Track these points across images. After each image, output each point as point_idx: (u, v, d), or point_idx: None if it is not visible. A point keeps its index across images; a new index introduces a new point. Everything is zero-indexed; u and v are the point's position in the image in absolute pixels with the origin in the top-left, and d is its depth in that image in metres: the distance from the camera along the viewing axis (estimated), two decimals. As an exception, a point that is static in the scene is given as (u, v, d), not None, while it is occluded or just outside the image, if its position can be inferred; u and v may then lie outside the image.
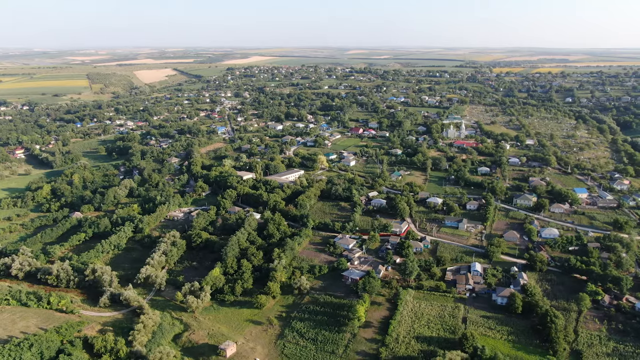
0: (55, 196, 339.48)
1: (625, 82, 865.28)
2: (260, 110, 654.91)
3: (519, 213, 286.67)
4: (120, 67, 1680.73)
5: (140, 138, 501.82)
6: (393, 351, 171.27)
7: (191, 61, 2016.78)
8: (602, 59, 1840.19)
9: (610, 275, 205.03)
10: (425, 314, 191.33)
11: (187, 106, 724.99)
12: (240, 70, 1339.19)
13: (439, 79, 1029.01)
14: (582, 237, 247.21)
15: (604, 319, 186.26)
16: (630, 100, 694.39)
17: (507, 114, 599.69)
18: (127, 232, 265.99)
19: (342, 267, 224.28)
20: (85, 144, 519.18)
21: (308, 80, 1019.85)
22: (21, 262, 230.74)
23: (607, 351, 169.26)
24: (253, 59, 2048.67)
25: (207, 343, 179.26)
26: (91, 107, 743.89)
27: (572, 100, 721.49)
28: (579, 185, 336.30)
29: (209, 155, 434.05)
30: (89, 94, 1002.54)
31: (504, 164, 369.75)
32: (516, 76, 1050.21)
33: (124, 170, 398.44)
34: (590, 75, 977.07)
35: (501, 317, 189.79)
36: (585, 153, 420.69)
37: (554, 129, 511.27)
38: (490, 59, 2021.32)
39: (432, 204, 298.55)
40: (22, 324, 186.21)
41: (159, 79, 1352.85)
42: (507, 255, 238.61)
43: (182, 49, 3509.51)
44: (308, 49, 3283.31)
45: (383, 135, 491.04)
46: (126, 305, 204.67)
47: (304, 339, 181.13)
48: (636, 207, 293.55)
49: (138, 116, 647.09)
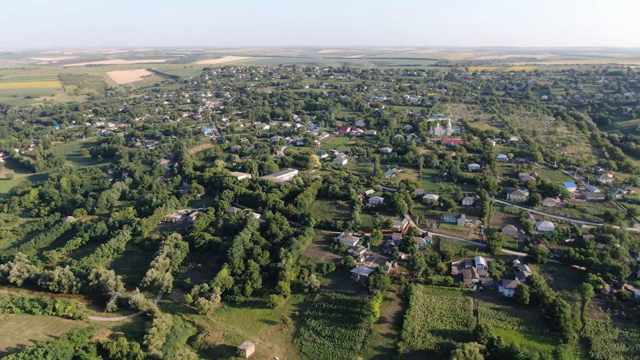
0: (44, 200, 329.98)
1: (596, 80, 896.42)
2: (244, 111, 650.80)
3: (514, 208, 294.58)
4: (91, 67, 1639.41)
5: (124, 140, 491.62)
6: (410, 345, 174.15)
7: (163, 61, 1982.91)
8: (567, 57, 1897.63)
9: (609, 265, 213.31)
10: (437, 308, 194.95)
11: (169, 107, 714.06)
12: (217, 71, 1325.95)
13: (417, 77, 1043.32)
14: (577, 230, 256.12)
15: (607, 307, 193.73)
16: (603, 97, 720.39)
17: (489, 112, 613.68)
18: (126, 235, 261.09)
19: (350, 264, 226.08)
20: (67, 147, 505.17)
21: (288, 80, 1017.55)
22: (19, 269, 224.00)
23: (613, 338, 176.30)
24: (227, 59, 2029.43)
25: (224, 344, 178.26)
26: (67, 109, 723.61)
27: (548, 97, 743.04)
28: (566, 179, 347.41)
29: (198, 156, 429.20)
30: (63, 96, 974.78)
31: (493, 161, 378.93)
32: (492, 74, 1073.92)
33: (112, 172, 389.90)
34: (563, 74, 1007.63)
35: (510, 309, 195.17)
36: (568, 149, 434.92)
37: (535, 126, 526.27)
38: (461, 57, 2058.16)
39: (429, 201, 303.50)
40: (29, 331, 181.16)
41: (133, 80, 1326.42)
42: (507, 248, 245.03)
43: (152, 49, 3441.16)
44: (281, 49, 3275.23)
45: (371, 134, 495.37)
46: (134, 310, 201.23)
47: (321, 336, 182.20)
48: (622, 199, 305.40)
49: (119, 117, 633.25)
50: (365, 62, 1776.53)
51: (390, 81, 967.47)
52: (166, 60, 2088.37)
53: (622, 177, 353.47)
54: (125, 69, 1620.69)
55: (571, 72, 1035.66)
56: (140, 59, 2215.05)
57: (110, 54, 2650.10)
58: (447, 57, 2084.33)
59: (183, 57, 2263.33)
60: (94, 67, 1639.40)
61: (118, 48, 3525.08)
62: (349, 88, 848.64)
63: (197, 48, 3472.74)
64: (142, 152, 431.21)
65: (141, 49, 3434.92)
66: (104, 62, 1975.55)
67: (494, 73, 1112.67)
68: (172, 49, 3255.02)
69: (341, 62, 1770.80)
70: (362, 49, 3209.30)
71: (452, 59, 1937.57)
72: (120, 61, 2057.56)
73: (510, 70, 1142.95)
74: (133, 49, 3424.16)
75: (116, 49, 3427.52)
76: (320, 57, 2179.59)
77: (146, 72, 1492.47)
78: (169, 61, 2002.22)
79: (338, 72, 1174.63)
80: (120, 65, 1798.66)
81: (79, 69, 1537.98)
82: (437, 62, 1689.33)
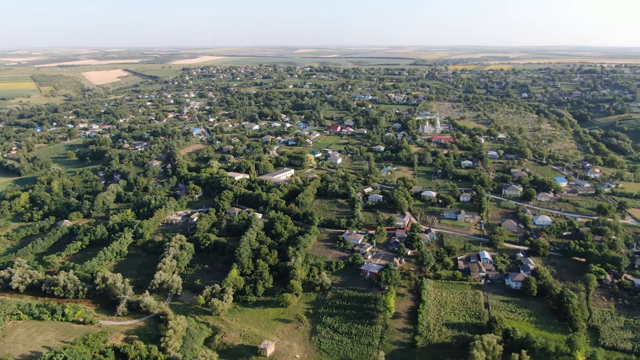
0: (35, 204, 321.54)
1: (572, 78, 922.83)
2: (231, 111, 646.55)
3: (510, 203, 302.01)
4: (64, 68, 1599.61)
5: (111, 142, 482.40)
6: (427, 339, 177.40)
7: (138, 61, 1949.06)
8: (538, 56, 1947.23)
9: (609, 256, 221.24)
10: (449, 302, 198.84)
11: (153, 108, 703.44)
12: (197, 71, 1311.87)
13: (398, 76, 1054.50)
14: (574, 223, 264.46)
15: (610, 297, 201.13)
16: (580, 94, 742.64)
17: (474, 110, 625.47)
18: (127, 238, 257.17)
19: (358, 261, 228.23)
20: (52, 149, 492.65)
21: (270, 80, 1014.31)
22: (22, 275, 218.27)
23: (619, 325, 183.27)
24: (203, 59, 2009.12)
25: (242, 344, 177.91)
26: (47, 111, 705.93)
27: (528, 95, 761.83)
28: (555, 175, 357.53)
29: (190, 157, 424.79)
30: (39, 97, 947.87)
31: (485, 158, 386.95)
32: (471, 73, 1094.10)
33: (103, 175, 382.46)
34: (540, 72, 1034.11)
35: (518, 301, 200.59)
36: (554, 145, 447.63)
37: (520, 123, 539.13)
38: (436, 56, 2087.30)
39: (427, 198, 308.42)
40: (40, 338, 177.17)
41: (110, 80, 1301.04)
42: (509, 242, 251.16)
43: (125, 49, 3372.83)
44: (255, 49, 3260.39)
45: (362, 133, 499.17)
46: (146, 312, 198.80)
47: (338, 333, 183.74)
48: (612, 193, 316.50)
49: (102, 119, 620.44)
50: (343, 62, 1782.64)
51: (372, 80, 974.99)
52: (140, 60, 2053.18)
53: (608, 171, 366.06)
54: (100, 69, 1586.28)
55: (547, 70, 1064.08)
56: (113, 59, 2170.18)
57: (81, 55, 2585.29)
58: (422, 56, 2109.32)
59: (158, 57, 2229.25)
60: (67, 68, 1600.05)
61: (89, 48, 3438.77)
62: (333, 87, 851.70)
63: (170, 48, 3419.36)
64: (132, 154, 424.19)
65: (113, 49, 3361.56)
66: (76, 63, 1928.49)
67: (473, 72, 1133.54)
68: (146, 49, 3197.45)
69: (318, 61, 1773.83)
70: (338, 48, 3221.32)
71: (428, 58, 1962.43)
72: (94, 61, 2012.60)
73: (489, 69, 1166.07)
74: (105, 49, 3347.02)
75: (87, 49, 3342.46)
76: (297, 57, 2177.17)
77: (123, 73, 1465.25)
78: (143, 61, 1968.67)
79: (320, 72, 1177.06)
80: (95, 65, 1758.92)
81: (52, 70, 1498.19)
82: (415, 61, 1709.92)
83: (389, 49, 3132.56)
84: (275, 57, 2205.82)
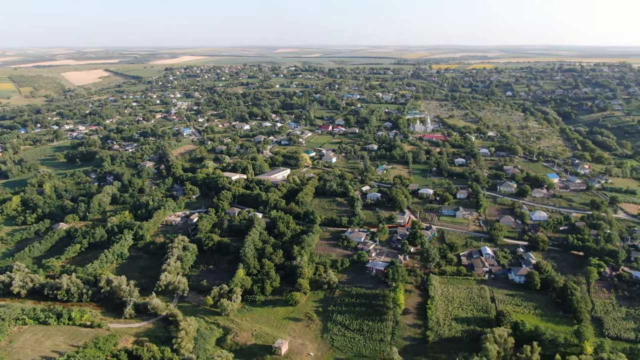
0: (28, 207, 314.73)
1: (554, 76, 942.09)
2: (220, 111, 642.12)
3: (505, 199, 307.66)
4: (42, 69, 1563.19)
5: (101, 143, 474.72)
6: (438, 334, 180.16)
7: (117, 61, 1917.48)
8: (516, 55, 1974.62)
9: (606, 249, 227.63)
10: (456, 297, 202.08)
11: (139, 108, 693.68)
12: (181, 71, 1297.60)
13: (384, 76, 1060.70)
14: (569, 218, 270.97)
15: (610, 289, 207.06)
16: (563, 92, 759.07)
17: (461, 108, 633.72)
18: (128, 240, 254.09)
19: (363, 259, 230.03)
20: (38, 151, 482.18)
21: (256, 80, 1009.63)
22: (22, 279, 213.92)
23: (621, 316, 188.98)
24: (184, 59, 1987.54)
25: (255, 344, 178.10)
26: (29, 112, 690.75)
27: (512, 94, 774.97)
28: (547, 171, 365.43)
29: (183, 157, 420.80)
30: (19, 98, 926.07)
31: (478, 155, 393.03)
32: (455, 72, 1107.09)
33: (95, 176, 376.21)
34: (522, 71, 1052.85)
35: (523, 294, 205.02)
36: (542, 142, 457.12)
37: (507, 121, 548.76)
38: (417, 56, 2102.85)
39: (425, 195, 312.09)
40: (49, 342, 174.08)
41: (91, 81, 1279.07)
42: (508, 238, 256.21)
43: (102, 49, 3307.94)
44: (236, 48, 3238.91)
45: (353, 132, 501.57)
46: (153, 314, 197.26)
47: (350, 330, 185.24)
48: (602, 188, 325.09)
49: (88, 120, 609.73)
50: (325, 61, 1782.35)
51: (359, 79, 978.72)
52: (120, 60, 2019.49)
53: (596, 167, 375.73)
54: (80, 69, 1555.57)
55: (529, 69, 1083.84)
56: (92, 59, 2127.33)
57: (58, 55, 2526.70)
58: (404, 55, 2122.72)
59: (137, 57, 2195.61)
60: (46, 69, 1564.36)
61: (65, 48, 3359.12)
62: (320, 87, 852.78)
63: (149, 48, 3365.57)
64: (123, 155, 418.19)
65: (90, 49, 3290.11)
66: (54, 63, 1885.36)
67: (456, 71, 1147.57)
68: (124, 49, 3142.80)
69: (301, 61, 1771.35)
70: (319, 48, 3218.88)
71: (409, 57, 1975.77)
72: (72, 62, 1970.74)
73: (472, 68, 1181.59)
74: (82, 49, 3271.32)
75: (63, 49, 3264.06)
76: (279, 57, 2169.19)
77: (104, 73, 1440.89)
78: (122, 61, 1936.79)
79: (305, 71, 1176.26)
80: (74, 66, 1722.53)
81: (30, 70, 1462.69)
82: (398, 60, 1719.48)
83: (370, 48, 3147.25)
84: (257, 56, 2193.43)
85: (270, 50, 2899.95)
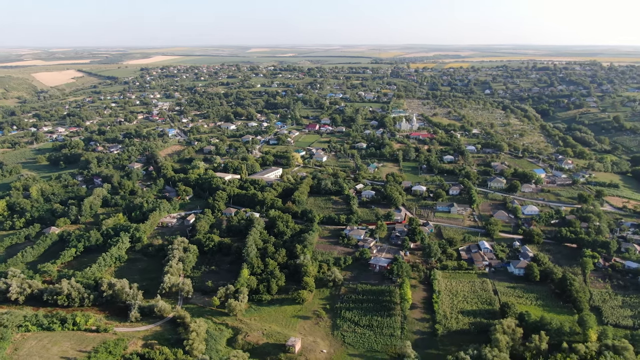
0: (15, 212, 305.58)
1: (529, 75, 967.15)
2: (203, 111, 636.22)
3: (496, 195, 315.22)
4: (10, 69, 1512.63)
5: (84, 145, 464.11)
6: (446, 327, 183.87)
7: (88, 62, 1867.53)
8: (487, 54, 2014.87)
9: (599, 241, 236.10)
10: (460, 291, 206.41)
11: (119, 110, 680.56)
12: (157, 71, 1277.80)
13: (363, 75, 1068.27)
14: (560, 211, 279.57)
15: (605, 278, 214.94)
16: (539, 90, 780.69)
17: (443, 107, 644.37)
18: (125, 242, 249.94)
19: (366, 256, 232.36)
20: (17, 154, 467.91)
21: (236, 80, 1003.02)
22: (20, 285, 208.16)
23: (618, 304, 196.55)
24: (157, 59, 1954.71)
25: (267, 342, 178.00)
26: (3, 114, 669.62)
27: (490, 92, 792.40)
28: (532, 167, 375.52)
29: (172, 158, 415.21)
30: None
31: (466, 152, 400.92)
32: (433, 71, 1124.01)
33: (82, 179, 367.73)
34: (498, 70, 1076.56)
35: (523, 286, 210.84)
36: (525, 139, 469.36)
37: (489, 119, 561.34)
38: (392, 55, 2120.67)
39: (418, 192, 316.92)
40: (56, 349, 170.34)
41: (64, 82, 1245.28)
42: (503, 232, 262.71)
43: (70, 48, 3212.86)
44: (208, 48, 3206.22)
45: (340, 131, 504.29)
46: (159, 317, 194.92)
47: (359, 326, 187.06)
48: (587, 182, 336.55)
49: (68, 122, 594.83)
50: (301, 61, 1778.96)
51: (339, 79, 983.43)
52: (91, 60, 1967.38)
53: (580, 162, 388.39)
54: (51, 70, 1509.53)
55: (504, 67, 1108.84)
56: (61, 59, 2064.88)
57: (25, 55, 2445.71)
58: (379, 55, 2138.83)
59: (108, 57, 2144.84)
60: (14, 69, 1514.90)
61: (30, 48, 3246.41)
62: (302, 86, 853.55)
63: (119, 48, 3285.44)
64: (109, 157, 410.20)
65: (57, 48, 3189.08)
66: (22, 64, 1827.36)
67: (434, 70, 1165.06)
68: (93, 49, 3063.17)
69: (275, 60, 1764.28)
70: (291, 47, 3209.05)
71: (384, 56, 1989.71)
72: (40, 62, 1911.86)
73: (449, 67, 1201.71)
74: (49, 49, 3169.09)
75: (28, 49, 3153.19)
76: (254, 56, 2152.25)
77: (77, 73, 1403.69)
78: (94, 61, 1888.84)
79: (285, 71, 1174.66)
80: (44, 66, 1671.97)
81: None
82: (374, 59, 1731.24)
83: (343, 47, 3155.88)
84: (231, 56, 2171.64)
85: (242, 50, 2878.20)
